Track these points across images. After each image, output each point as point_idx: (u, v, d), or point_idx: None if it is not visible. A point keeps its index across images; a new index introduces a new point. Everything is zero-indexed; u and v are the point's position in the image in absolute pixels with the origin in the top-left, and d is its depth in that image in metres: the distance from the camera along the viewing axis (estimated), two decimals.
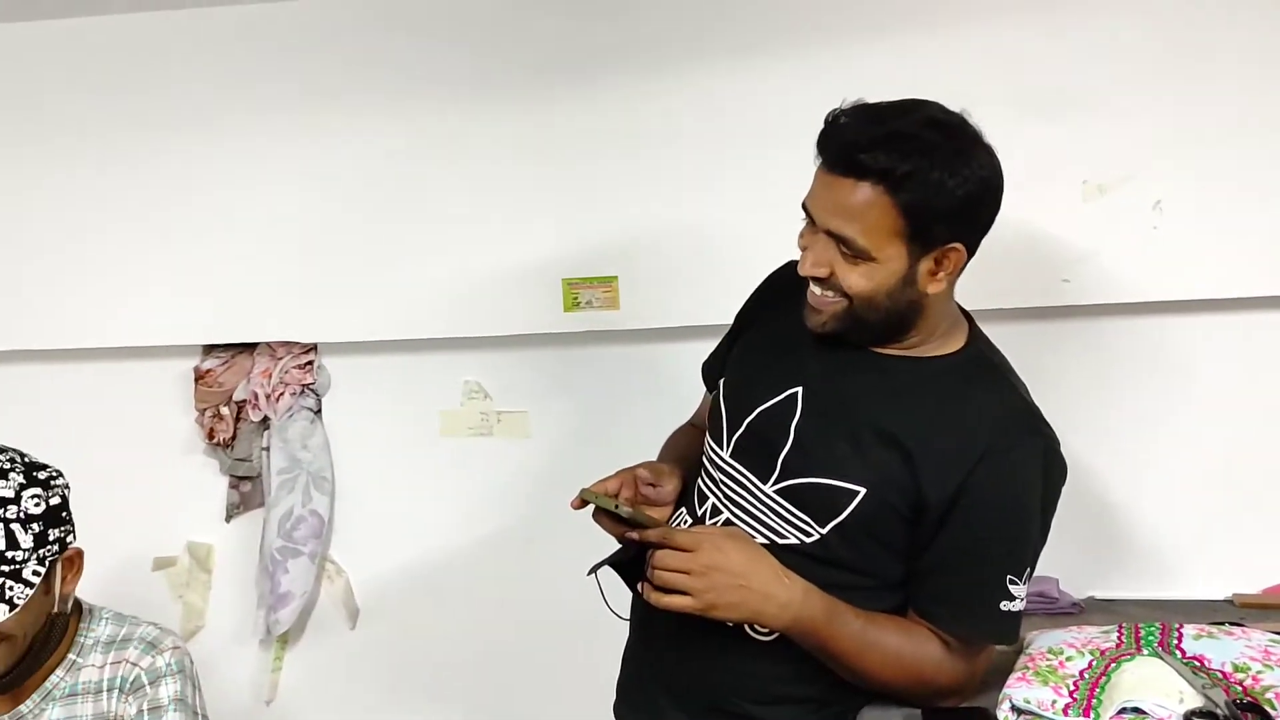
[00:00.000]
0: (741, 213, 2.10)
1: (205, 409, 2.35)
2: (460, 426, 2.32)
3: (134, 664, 1.52)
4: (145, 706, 1.51)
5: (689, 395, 1.77)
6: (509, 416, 2.31)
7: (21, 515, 1.40)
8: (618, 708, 1.63)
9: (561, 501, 2.23)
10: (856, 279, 1.31)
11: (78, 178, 2.31)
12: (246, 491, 2.38)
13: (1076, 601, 2.05)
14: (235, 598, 2.40)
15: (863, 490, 1.33)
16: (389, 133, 2.23)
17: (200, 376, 2.35)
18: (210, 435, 2.35)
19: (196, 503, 2.40)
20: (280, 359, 2.32)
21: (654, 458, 1.67)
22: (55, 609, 1.48)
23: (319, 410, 2.35)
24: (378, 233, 2.25)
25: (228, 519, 2.39)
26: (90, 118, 2.30)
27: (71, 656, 1.52)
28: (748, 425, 1.44)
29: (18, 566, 1.39)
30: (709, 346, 1.69)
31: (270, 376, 2.31)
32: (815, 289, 1.36)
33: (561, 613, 2.28)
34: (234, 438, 2.34)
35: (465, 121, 2.20)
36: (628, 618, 1.56)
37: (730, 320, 1.63)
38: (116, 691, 1.52)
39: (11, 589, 1.37)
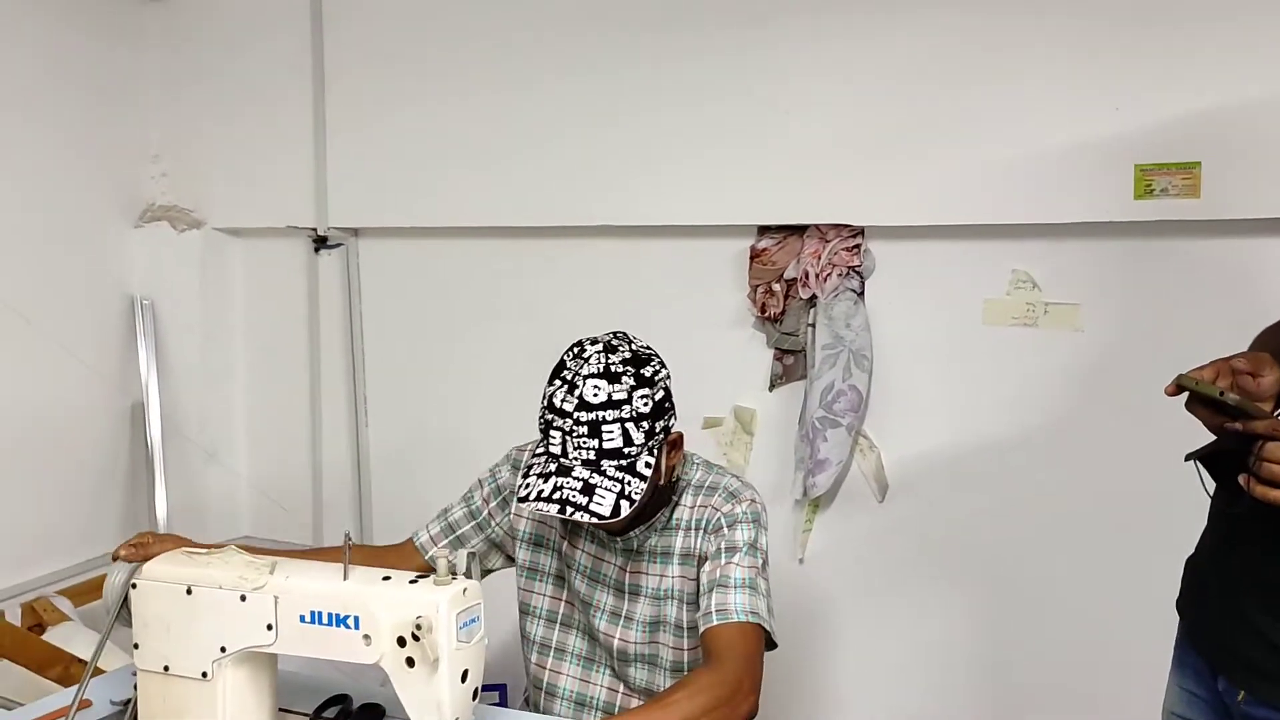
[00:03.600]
0: None
1: (758, 285, 2.54)
2: (1004, 316, 2.30)
3: (717, 509, 1.68)
4: (723, 545, 1.65)
5: (1275, 296, 1.62)
6: (1058, 308, 2.25)
7: (633, 415, 1.55)
8: (1184, 603, 1.57)
9: (1110, 398, 2.20)
10: None
11: (661, 70, 2.57)
12: (789, 364, 2.56)
13: None
14: (771, 460, 2.60)
15: None
16: (942, 19, 2.25)
17: (755, 255, 2.54)
18: (761, 310, 2.54)
19: (743, 371, 2.62)
20: (829, 241, 2.45)
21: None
22: (661, 482, 1.64)
23: (862, 292, 2.45)
24: (929, 117, 2.29)
25: (770, 388, 2.59)
26: (655, 14, 2.54)
27: (671, 496, 1.73)
28: None
29: (632, 460, 1.55)
30: None
31: (819, 257, 2.45)
32: None
33: (1103, 506, 2.24)
34: (783, 313, 2.52)
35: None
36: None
37: None
38: (701, 532, 1.68)
39: (630, 484, 1.54)
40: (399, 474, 3.15)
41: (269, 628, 1.43)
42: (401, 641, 1.35)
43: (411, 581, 1.40)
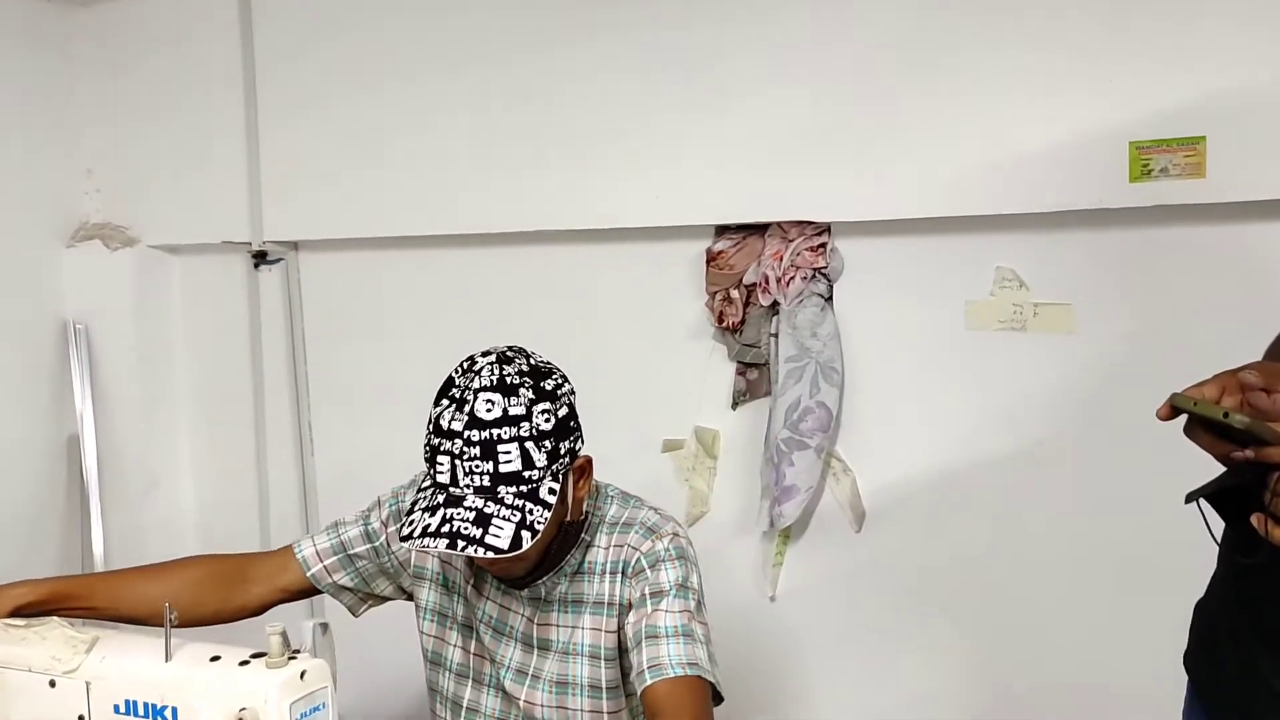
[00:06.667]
0: None
1: (716, 292, 2.30)
2: (989, 319, 2.05)
3: (635, 548, 1.50)
4: (647, 590, 1.48)
5: None
6: (1048, 309, 2.00)
7: (534, 433, 1.36)
8: (1193, 659, 1.33)
9: (1110, 411, 1.94)
10: None
11: (599, 64, 2.36)
12: (753, 379, 2.32)
13: None
14: (739, 486, 2.36)
15: None
16: None
17: (712, 259, 2.30)
18: (720, 319, 2.30)
19: (704, 387, 2.38)
20: (792, 240, 2.20)
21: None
22: (569, 517, 1.46)
23: (830, 296, 2.21)
24: (900, 99, 2.05)
25: (733, 406, 2.35)
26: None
27: (583, 536, 1.52)
28: None
29: (534, 486, 1.36)
30: None
31: (781, 259, 2.20)
32: None
33: (1108, 537, 1.98)
34: (743, 322, 2.28)
35: None
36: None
37: None
38: (620, 576, 1.50)
39: (532, 512, 1.34)
40: (348, 498, 2.89)
41: (80, 719, 1.21)
42: None
43: (242, 663, 1.17)
